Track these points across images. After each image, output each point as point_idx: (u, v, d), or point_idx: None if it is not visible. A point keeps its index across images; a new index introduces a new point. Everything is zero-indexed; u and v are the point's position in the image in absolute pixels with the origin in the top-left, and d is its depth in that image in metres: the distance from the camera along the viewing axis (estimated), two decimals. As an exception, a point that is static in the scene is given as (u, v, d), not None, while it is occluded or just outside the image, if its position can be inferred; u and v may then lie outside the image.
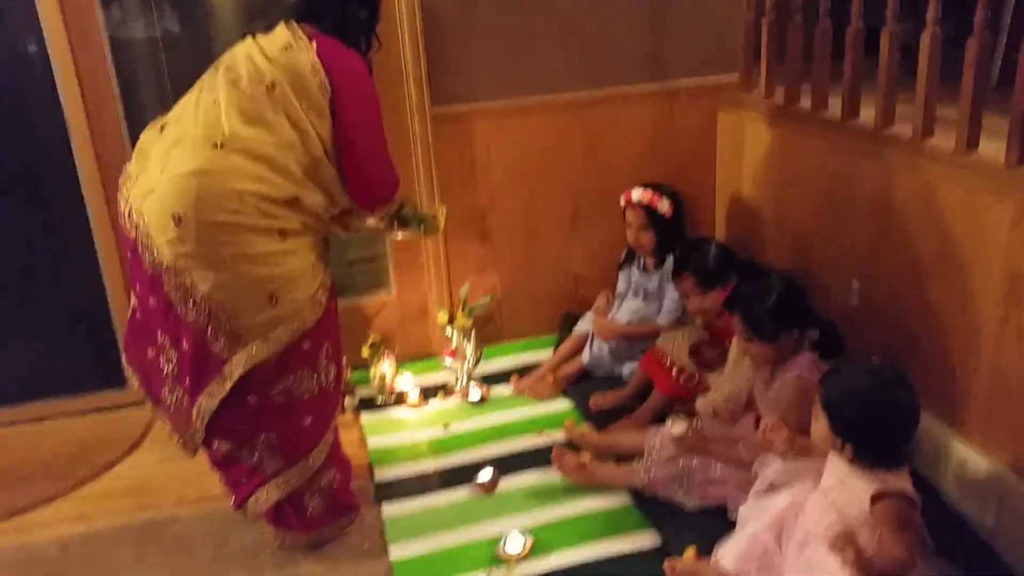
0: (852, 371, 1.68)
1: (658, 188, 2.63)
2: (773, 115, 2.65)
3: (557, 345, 2.92)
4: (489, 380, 2.80)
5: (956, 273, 1.93)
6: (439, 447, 2.49)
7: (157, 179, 1.86)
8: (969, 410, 1.96)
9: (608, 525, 2.09)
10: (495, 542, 2.04)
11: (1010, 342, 1.80)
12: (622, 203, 2.67)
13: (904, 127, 2.09)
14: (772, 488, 1.90)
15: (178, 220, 1.82)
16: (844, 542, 1.61)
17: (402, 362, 2.86)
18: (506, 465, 2.35)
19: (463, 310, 2.75)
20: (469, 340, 2.74)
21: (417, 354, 2.98)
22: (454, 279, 2.91)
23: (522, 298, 3.01)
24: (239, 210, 1.83)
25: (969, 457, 1.94)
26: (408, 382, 2.75)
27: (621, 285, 2.83)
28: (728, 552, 1.83)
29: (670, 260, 2.62)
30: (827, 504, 1.69)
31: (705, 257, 2.35)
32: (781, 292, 1.99)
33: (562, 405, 2.67)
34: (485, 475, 2.28)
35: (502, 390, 2.77)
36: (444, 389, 2.77)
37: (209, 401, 1.95)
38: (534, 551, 2.01)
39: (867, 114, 2.25)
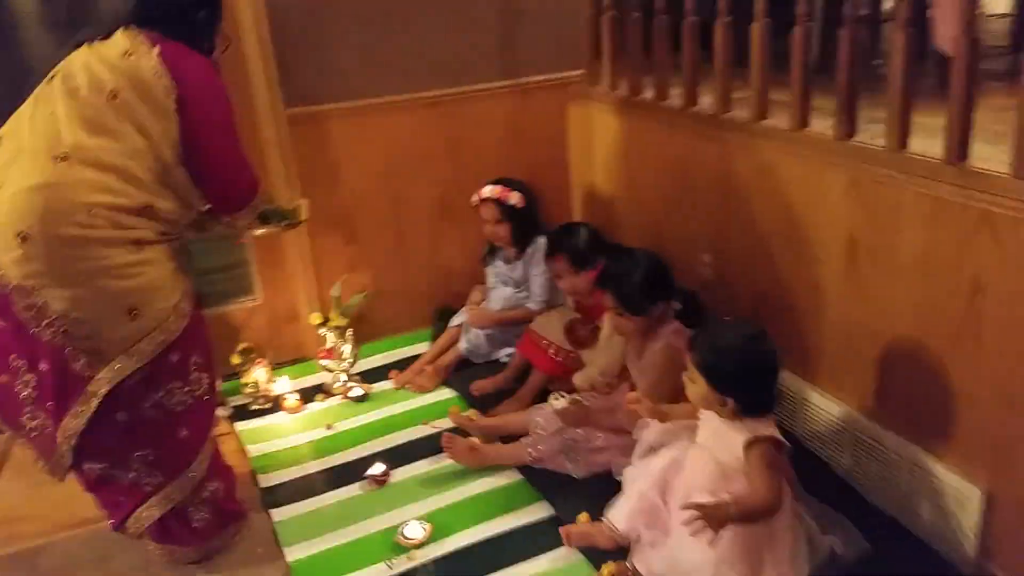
0: (720, 331, 1.83)
1: (507, 183, 2.72)
2: (619, 106, 2.82)
3: (433, 338, 2.97)
4: (368, 377, 2.81)
5: (799, 240, 2.15)
6: (324, 448, 2.48)
7: (2, 201, 1.76)
8: (820, 362, 2.19)
9: (502, 502, 2.17)
10: (393, 532, 2.07)
11: (851, 297, 2.03)
12: (474, 201, 2.75)
13: (741, 111, 2.30)
14: (652, 450, 2.03)
15: (24, 238, 1.73)
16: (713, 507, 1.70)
17: (276, 367, 2.81)
18: (396, 457, 2.37)
19: (337, 310, 2.75)
20: (345, 339, 2.74)
21: (290, 358, 2.94)
22: (323, 280, 2.89)
23: (394, 294, 3.03)
24: (89, 223, 1.75)
25: (823, 404, 2.17)
26: (285, 386, 2.71)
27: (489, 279, 2.91)
28: (618, 512, 1.95)
29: (531, 247, 2.74)
30: (705, 457, 1.83)
31: (577, 239, 2.47)
32: (647, 268, 2.13)
33: (444, 394, 2.72)
34: (376, 469, 2.29)
35: (383, 386, 2.79)
36: (322, 390, 2.75)
37: (75, 422, 1.86)
38: (433, 536, 2.05)
39: (705, 101, 2.45)
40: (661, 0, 2.51)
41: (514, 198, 2.68)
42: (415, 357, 2.90)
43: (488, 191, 2.71)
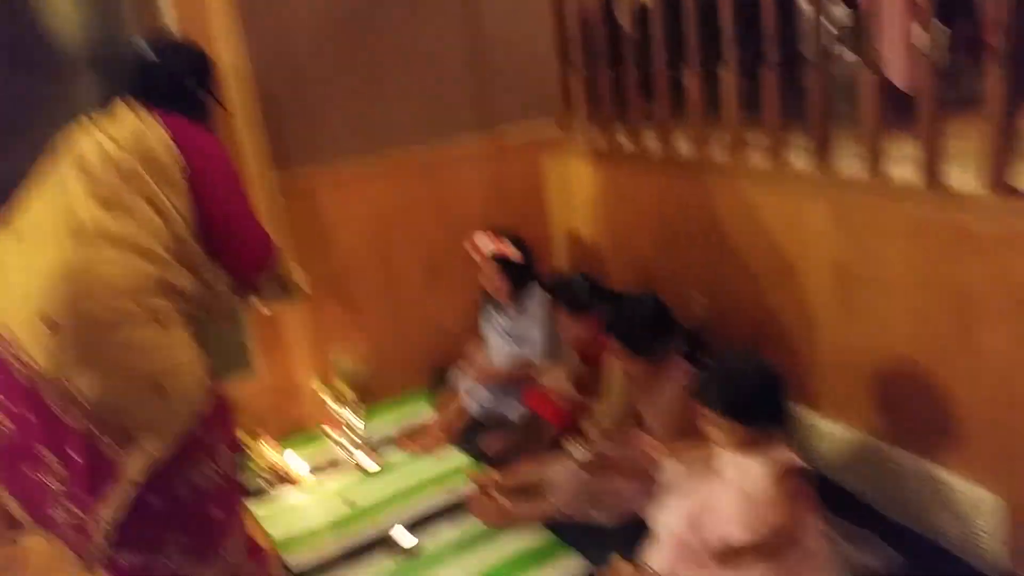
0: (722, 368, 1.88)
1: (502, 234, 2.79)
2: (596, 158, 2.92)
3: (431, 398, 3.00)
4: (374, 444, 2.81)
5: (788, 272, 2.25)
6: (348, 523, 2.47)
7: (16, 282, 1.75)
8: (820, 388, 2.27)
9: (536, 559, 2.19)
10: (434, 603, 2.08)
11: (843, 322, 2.12)
12: (476, 257, 2.81)
13: (718, 154, 2.40)
14: (674, 488, 2.08)
15: (53, 325, 1.71)
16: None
17: (280, 443, 2.80)
18: (422, 526, 2.38)
19: (342, 379, 2.76)
20: (351, 408, 2.75)
21: (290, 433, 2.93)
22: (320, 348, 2.90)
23: (390, 358, 3.05)
24: (117, 305, 1.75)
25: (828, 429, 2.24)
26: (295, 460, 2.70)
27: (486, 329, 2.96)
28: (655, 554, 1.99)
29: (529, 300, 2.79)
30: (733, 492, 1.87)
31: (573, 288, 2.54)
32: (651, 310, 2.20)
33: (457, 457, 2.74)
34: (405, 539, 2.30)
35: (393, 454, 2.79)
36: (332, 464, 2.75)
37: (110, 511, 1.83)
38: (472, 602, 2.07)
39: (682, 147, 2.56)
40: (630, 54, 2.62)
41: (511, 253, 2.74)
42: (420, 421, 2.92)
43: (487, 248, 2.76)
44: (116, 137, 1.85)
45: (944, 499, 1.96)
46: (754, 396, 1.80)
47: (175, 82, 1.98)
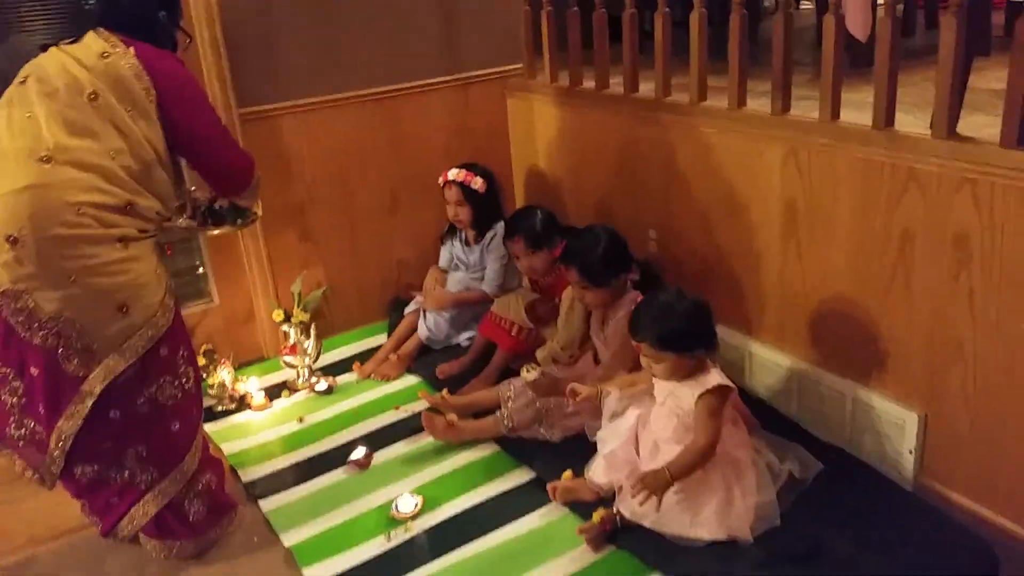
0: (652, 307, 1.99)
1: (472, 168, 2.84)
2: (560, 97, 2.97)
3: (389, 329, 3.05)
4: (331, 371, 2.86)
5: (740, 211, 2.35)
6: (300, 440, 2.52)
7: None
8: (762, 319, 2.39)
9: (485, 472, 2.28)
10: (386, 508, 2.15)
11: (791, 259, 2.23)
12: (440, 182, 2.85)
13: (680, 95, 2.48)
14: (615, 415, 2.19)
15: (13, 241, 1.75)
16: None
17: (237, 368, 2.82)
18: (373, 442, 2.44)
19: (298, 306, 2.79)
20: (308, 335, 2.78)
21: (249, 358, 2.96)
22: (279, 278, 2.92)
23: (349, 289, 3.09)
24: (77, 223, 1.78)
25: (768, 355, 2.38)
26: (253, 385, 2.73)
27: (443, 259, 3.02)
28: (597, 468, 2.10)
29: (490, 233, 2.85)
30: (667, 413, 2.00)
31: (533, 221, 2.61)
32: (608, 242, 2.29)
33: (409, 380, 2.81)
34: (358, 453, 2.36)
35: (347, 378, 2.84)
36: (287, 387, 2.78)
37: (69, 423, 1.88)
38: (424, 508, 2.14)
39: (644, 88, 2.63)
40: (598, -4, 2.67)
41: (477, 183, 2.79)
42: (375, 349, 2.97)
43: (453, 174, 2.81)
44: (85, 63, 1.85)
45: (867, 418, 2.12)
46: (683, 328, 1.93)
47: (143, 11, 1.98)
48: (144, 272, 1.89)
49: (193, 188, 2.24)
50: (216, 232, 2.37)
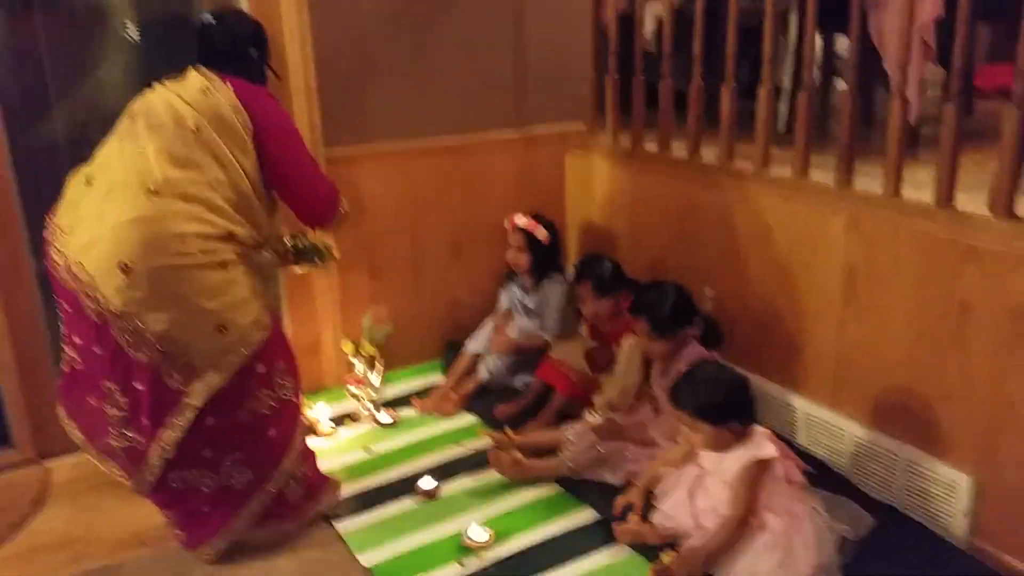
0: (693, 381, 2.13)
1: (539, 218, 3.00)
2: (621, 157, 3.15)
3: (444, 368, 3.18)
4: (388, 405, 2.97)
5: (800, 273, 2.50)
6: (367, 468, 2.62)
7: (95, 230, 1.92)
8: (817, 380, 2.52)
9: (549, 509, 2.38)
10: (456, 537, 2.25)
11: (849, 322, 2.38)
12: (507, 226, 3.01)
13: (742, 163, 2.66)
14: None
15: (125, 268, 1.89)
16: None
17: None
18: (438, 475, 2.54)
19: (367, 339, 2.92)
20: (373, 368, 2.91)
21: (309, 388, 3.07)
22: (346, 313, 3.06)
23: (409, 327, 3.22)
24: (184, 252, 1.93)
25: (823, 416, 2.50)
26: (322, 412, 2.85)
27: (503, 303, 3.16)
28: (662, 515, 2.22)
29: (547, 281, 3.00)
30: (719, 482, 2.12)
31: (603, 268, 2.76)
32: (676, 295, 2.44)
33: (467, 419, 2.92)
34: (427, 483, 2.47)
35: (407, 412, 2.96)
36: (351, 417, 2.90)
37: (171, 433, 2.01)
38: (494, 539, 2.24)
39: (706, 153, 2.81)
40: (667, 66, 2.86)
41: (541, 233, 2.95)
42: (430, 386, 3.10)
43: (522, 221, 2.96)
44: (187, 98, 2.03)
45: (920, 479, 2.23)
46: (721, 401, 2.07)
47: (237, 48, 2.18)
48: (241, 293, 2.04)
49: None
50: (297, 270, 2.52)
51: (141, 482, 2.08)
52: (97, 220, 1.94)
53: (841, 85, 4.65)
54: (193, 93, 2.04)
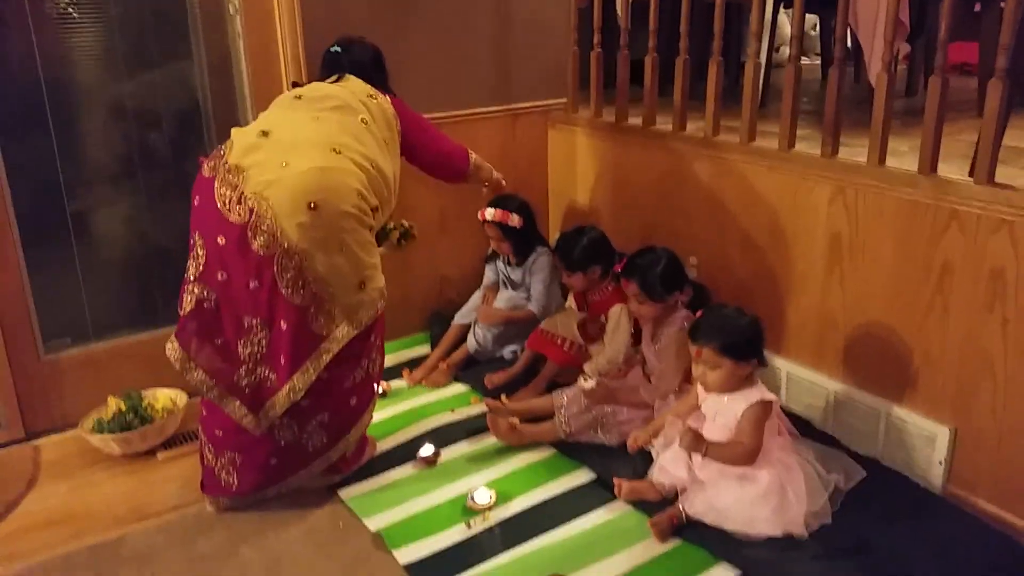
0: (720, 318, 2.22)
1: (506, 204, 3.00)
2: (603, 131, 3.21)
3: (432, 341, 3.21)
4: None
5: (785, 242, 2.59)
6: (362, 436, 2.65)
7: (279, 173, 2.06)
8: (801, 342, 2.62)
9: (548, 471, 2.45)
10: (460, 500, 2.30)
11: (833, 286, 2.48)
12: (480, 219, 3.03)
13: (729, 135, 2.74)
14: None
15: (313, 207, 2.03)
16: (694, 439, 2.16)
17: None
18: (435, 441, 2.58)
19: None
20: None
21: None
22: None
23: (396, 300, 3.22)
24: (357, 204, 2.12)
25: (805, 375, 2.61)
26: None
27: (488, 277, 3.20)
28: (659, 471, 2.30)
29: (532, 256, 3.05)
30: (719, 427, 2.21)
31: (571, 248, 2.77)
32: (667, 260, 2.51)
33: (458, 388, 2.96)
34: (426, 450, 2.50)
35: (398, 383, 2.99)
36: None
37: (303, 378, 2.12)
38: (497, 501, 2.30)
39: (691, 127, 2.88)
40: (653, 40, 2.92)
41: (513, 220, 2.97)
42: (418, 358, 3.13)
43: (490, 214, 2.98)
44: (360, 98, 2.33)
45: (899, 432, 2.35)
46: (744, 337, 2.16)
47: (365, 72, 2.47)
48: (377, 260, 2.21)
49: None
50: (383, 250, 2.55)
51: (262, 420, 2.17)
52: (279, 166, 2.07)
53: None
54: (362, 94, 2.34)
